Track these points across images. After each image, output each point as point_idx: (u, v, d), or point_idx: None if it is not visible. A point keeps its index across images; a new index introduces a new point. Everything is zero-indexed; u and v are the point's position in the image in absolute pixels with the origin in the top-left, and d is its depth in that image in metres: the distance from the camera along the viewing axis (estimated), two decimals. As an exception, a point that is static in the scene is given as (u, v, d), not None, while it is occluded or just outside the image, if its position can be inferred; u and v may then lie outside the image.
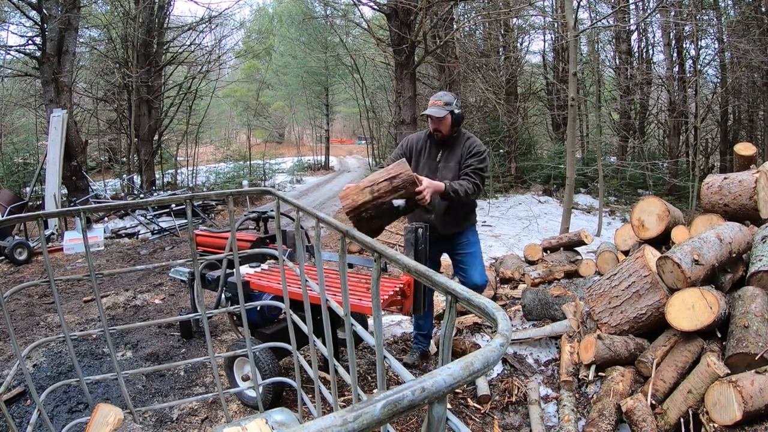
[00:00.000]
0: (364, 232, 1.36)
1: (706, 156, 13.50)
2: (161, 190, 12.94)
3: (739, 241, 2.91)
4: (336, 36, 16.77)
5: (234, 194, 1.91)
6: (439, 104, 2.90)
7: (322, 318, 1.57)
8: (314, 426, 0.44)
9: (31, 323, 4.20)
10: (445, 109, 2.88)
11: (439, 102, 2.91)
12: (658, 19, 11.46)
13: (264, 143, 27.92)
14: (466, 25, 11.73)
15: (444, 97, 2.93)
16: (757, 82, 11.73)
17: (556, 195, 11.84)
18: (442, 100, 2.91)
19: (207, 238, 3.46)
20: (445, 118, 2.90)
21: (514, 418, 2.69)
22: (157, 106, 13.58)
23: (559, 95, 12.64)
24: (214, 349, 2.90)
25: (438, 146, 3.02)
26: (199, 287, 1.91)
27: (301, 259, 1.74)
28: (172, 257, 6.89)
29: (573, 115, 6.64)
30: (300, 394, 1.98)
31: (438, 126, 2.94)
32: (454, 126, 2.96)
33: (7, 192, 8.50)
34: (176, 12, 31.74)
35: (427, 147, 3.07)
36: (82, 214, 1.68)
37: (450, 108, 2.89)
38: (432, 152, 3.05)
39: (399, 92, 8.94)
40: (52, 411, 2.72)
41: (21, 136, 14.27)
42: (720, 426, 2.07)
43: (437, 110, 2.88)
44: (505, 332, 0.64)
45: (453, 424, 0.76)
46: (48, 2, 8.73)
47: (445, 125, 2.93)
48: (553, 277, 4.34)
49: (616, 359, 2.67)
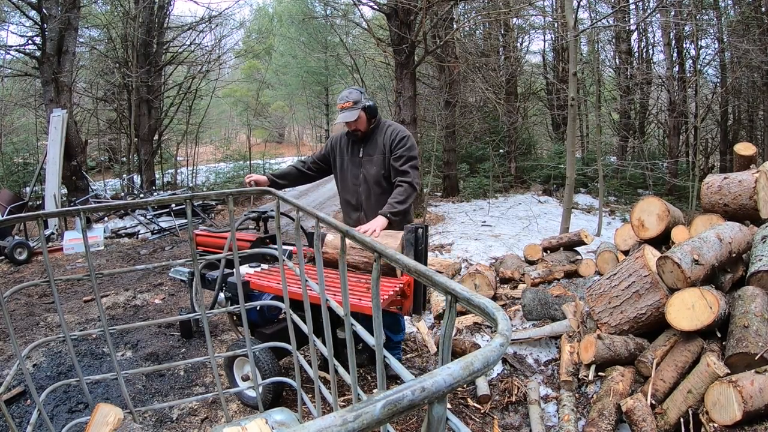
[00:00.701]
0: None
1: (706, 156, 13.50)
2: (161, 190, 12.93)
3: (739, 240, 2.91)
4: (336, 36, 16.76)
5: (234, 194, 1.91)
6: (348, 106, 2.83)
7: (322, 318, 1.57)
8: (314, 426, 0.44)
9: (31, 323, 4.20)
10: (355, 109, 2.83)
11: (347, 104, 2.84)
12: (658, 18, 11.45)
13: (264, 143, 27.92)
14: (466, 25, 11.72)
15: (350, 96, 2.85)
16: (757, 82, 11.72)
17: (556, 195, 11.83)
18: (349, 101, 2.84)
19: (207, 238, 3.45)
20: (359, 118, 2.86)
21: (514, 418, 2.69)
22: (157, 106, 13.57)
23: (559, 95, 12.63)
24: (214, 349, 2.90)
25: (359, 142, 3.00)
26: (198, 287, 1.91)
27: (300, 259, 1.74)
28: (172, 257, 6.89)
29: (573, 114, 6.63)
30: (300, 394, 1.98)
31: (355, 127, 2.91)
32: (371, 119, 2.92)
33: (7, 192, 8.50)
34: (176, 12, 31.78)
35: (349, 145, 3.05)
36: (82, 214, 1.68)
37: (360, 105, 2.84)
38: (354, 149, 3.03)
39: (399, 92, 8.93)
40: (52, 411, 2.72)
41: (21, 136, 14.27)
42: (720, 426, 2.07)
43: (348, 114, 2.83)
44: (504, 332, 0.64)
45: (453, 424, 0.76)
46: (48, 2, 8.72)
47: (362, 123, 2.89)
48: (553, 277, 4.33)
49: (616, 359, 2.67)
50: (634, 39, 13.85)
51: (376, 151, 2.93)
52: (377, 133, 2.96)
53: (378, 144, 2.93)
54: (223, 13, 14.48)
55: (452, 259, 5.69)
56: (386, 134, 2.93)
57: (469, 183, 12.08)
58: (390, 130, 2.94)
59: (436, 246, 6.46)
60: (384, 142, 2.91)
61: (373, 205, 2.91)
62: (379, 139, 2.93)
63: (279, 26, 25.55)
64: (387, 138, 2.91)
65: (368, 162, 2.96)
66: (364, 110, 2.86)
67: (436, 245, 6.50)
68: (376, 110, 2.92)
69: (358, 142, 3.01)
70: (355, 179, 3.02)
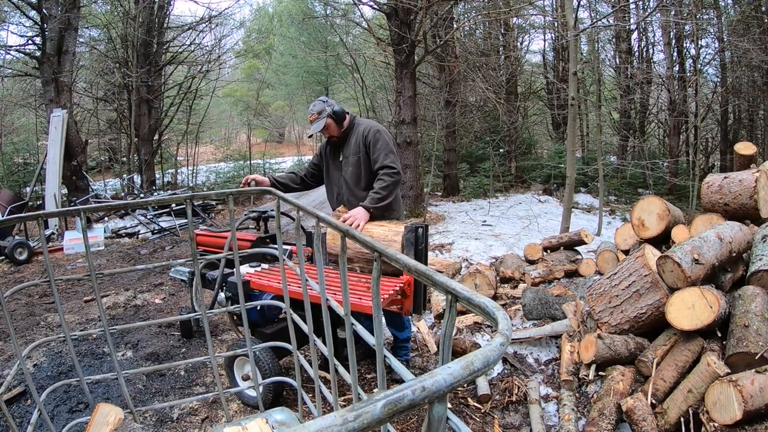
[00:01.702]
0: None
1: (707, 155, 13.50)
2: (161, 190, 12.93)
3: (740, 240, 2.91)
4: (336, 35, 16.76)
5: (234, 194, 1.91)
6: (314, 118, 2.98)
7: (323, 317, 1.57)
8: (315, 425, 0.44)
9: (32, 323, 4.20)
10: (321, 119, 2.97)
11: (313, 116, 2.99)
12: (658, 18, 11.44)
13: (264, 143, 27.91)
14: (466, 25, 11.71)
15: (314, 108, 3.00)
16: (758, 81, 11.72)
17: (556, 194, 11.83)
18: (314, 113, 2.99)
19: (207, 238, 3.45)
20: (328, 126, 3.00)
21: (514, 418, 2.69)
22: (157, 106, 13.57)
23: (559, 94, 12.63)
24: (214, 348, 2.90)
25: (338, 146, 3.14)
26: (199, 287, 1.91)
27: (300, 258, 1.74)
28: (173, 257, 6.89)
29: (573, 114, 6.63)
30: (300, 394, 1.98)
31: (329, 134, 3.06)
32: (340, 123, 3.04)
33: (7, 192, 8.50)
34: (176, 12, 31.77)
35: (330, 151, 3.20)
36: (82, 213, 1.68)
37: (324, 114, 2.97)
38: (335, 153, 3.17)
39: (399, 92, 8.93)
40: (53, 411, 2.72)
41: (21, 136, 14.27)
42: (720, 425, 2.07)
43: (317, 125, 2.98)
44: (505, 332, 0.64)
45: (453, 424, 0.76)
46: (48, 2, 8.72)
47: (333, 129, 3.03)
48: (553, 277, 4.33)
49: (617, 358, 2.67)
50: (635, 38, 13.87)
51: (351, 152, 3.05)
52: (351, 135, 3.07)
53: (352, 145, 3.05)
54: (223, 13, 14.49)
55: (452, 259, 5.69)
56: (358, 134, 3.04)
57: (470, 182, 12.08)
58: (361, 130, 3.04)
59: (436, 245, 6.46)
60: (357, 142, 3.02)
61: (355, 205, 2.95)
62: (353, 140, 3.05)
63: (279, 26, 25.53)
64: (360, 138, 3.02)
65: (346, 164, 3.07)
66: (330, 117, 2.98)
67: (436, 245, 6.50)
68: (342, 114, 3.03)
69: (337, 147, 3.14)
70: (337, 182, 3.15)
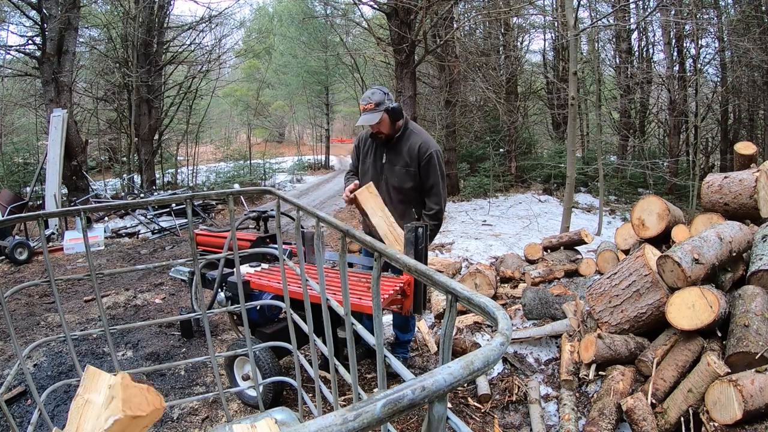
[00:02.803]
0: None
1: (707, 155, 13.49)
2: (161, 190, 12.94)
3: (740, 240, 2.90)
4: (336, 35, 16.77)
5: (234, 194, 1.91)
6: (370, 107, 2.68)
7: (323, 317, 1.57)
8: (315, 425, 0.44)
9: (32, 323, 4.21)
10: (377, 111, 2.67)
11: (370, 105, 2.68)
12: (658, 18, 11.44)
13: (264, 143, 27.91)
14: (466, 24, 11.72)
15: (373, 97, 2.69)
16: (758, 81, 11.72)
17: (557, 194, 11.84)
18: (372, 102, 2.68)
19: (207, 238, 3.46)
20: (382, 121, 2.71)
21: (514, 417, 2.69)
22: (157, 106, 13.58)
23: (559, 94, 12.63)
24: (214, 348, 2.90)
25: (382, 146, 2.86)
26: (199, 287, 1.91)
27: (301, 258, 1.74)
28: (173, 257, 6.89)
29: (573, 114, 6.63)
30: (300, 394, 1.98)
31: (378, 129, 2.76)
32: (395, 122, 2.76)
33: (7, 192, 8.51)
34: (176, 11, 31.77)
35: (372, 147, 2.91)
36: (83, 213, 1.68)
37: (383, 107, 2.68)
38: (377, 153, 2.89)
39: (399, 91, 8.94)
40: (53, 411, 2.72)
41: (21, 136, 14.30)
42: (720, 425, 2.07)
43: (370, 117, 2.68)
44: (505, 331, 0.64)
45: (453, 423, 0.76)
46: (48, 2, 8.72)
47: (385, 126, 2.75)
48: (553, 276, 4.33)
49: (617, 358, 2.67)
50: (635, 38, 13.88)
51: (399, 161, 2.79)
52: (402, 142, 2.80)
53: (402, 154, 2.78)
54: (223, 12, 14.53)
55: (452, 259, 5.69)
56: (413, 145, 2.77)
57: (470, 182, 12.08)
58: (417, 142, 2.78)
59: (436, 245, 6.46)
60: (411, 154, 2.76)
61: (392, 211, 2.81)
62: (404, 148, 2.78)
63: (279, 26, 25.53)
64: (414, 151, 2.76)
65: (390, 171, 2.83)
66: (387, 112, 2.70)
67: (436, 244, 6.50)
68: (400, 112, 2.76)
69: (381, 146, 2.87)
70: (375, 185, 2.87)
